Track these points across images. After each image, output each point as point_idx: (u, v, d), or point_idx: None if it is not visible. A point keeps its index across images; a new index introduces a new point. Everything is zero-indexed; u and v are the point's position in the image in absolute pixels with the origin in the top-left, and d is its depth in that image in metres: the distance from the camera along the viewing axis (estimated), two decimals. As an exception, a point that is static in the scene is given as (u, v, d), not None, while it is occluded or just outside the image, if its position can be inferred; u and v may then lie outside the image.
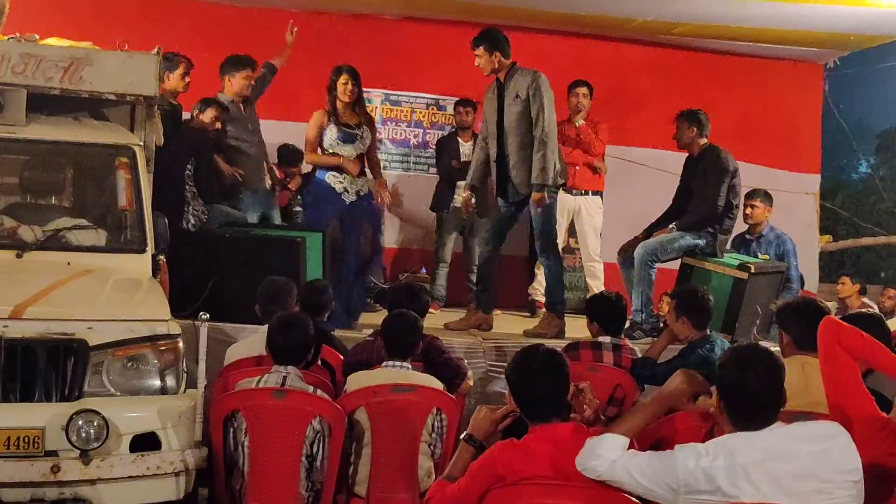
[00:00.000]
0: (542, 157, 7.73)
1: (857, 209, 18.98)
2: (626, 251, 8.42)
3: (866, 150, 23.44)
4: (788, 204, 10.54)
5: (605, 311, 6.57)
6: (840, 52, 11.28)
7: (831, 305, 9.67)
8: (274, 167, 9.51)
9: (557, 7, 9.70)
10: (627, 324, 7.52)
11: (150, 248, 6.03)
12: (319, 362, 5.93)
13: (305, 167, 9.66)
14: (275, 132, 9.47)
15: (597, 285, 9.51)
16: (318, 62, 9.72)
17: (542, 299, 9.55)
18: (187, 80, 8.38)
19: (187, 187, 7.70)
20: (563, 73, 9.78)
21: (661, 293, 8.75)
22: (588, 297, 8.95)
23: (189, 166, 7.73)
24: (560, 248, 9.41)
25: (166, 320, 5.24)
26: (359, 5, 9.81)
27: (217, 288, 7.15)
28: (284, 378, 5.19)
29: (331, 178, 8.16)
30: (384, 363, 5.47)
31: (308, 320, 5.49)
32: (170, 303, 5.53)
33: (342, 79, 8.08)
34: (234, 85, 8.49)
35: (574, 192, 9.70)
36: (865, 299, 11.33)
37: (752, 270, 8.02)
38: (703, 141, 8.34)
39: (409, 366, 5.47)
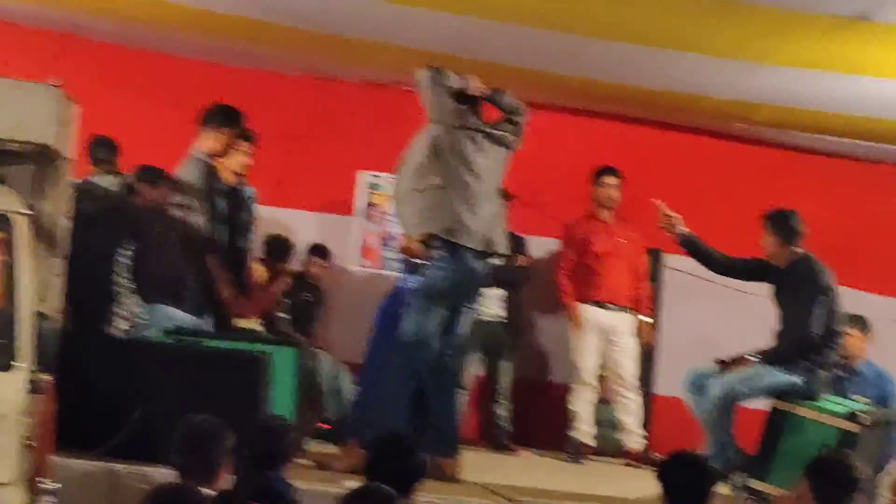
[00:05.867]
0: None
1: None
2: (726, 367, 6.92)
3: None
4: (887, 335, 8.84)
5: (681, 481, 4.75)
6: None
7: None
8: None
9: (599, 75, 7.91)
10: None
11: (24, 363, 4.36)
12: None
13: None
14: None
15: (631, 422, 8.27)
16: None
17: (590, 441, 8.26)
18: None
19: (122, 279, 6.07)
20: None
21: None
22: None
23: (123, 251, 6.09)
24: (591, 375, 8.16)
25: (7, 484, 3.48)
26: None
27: (149, 417, 5.62)
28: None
29: None
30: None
31: (197, 494, 3.64)
32: (71, 439, 4.81)
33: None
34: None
35: (609, 306, 8.27)
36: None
37: (865, 421, 6.57)
38: (793, 250, 7.08)
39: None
